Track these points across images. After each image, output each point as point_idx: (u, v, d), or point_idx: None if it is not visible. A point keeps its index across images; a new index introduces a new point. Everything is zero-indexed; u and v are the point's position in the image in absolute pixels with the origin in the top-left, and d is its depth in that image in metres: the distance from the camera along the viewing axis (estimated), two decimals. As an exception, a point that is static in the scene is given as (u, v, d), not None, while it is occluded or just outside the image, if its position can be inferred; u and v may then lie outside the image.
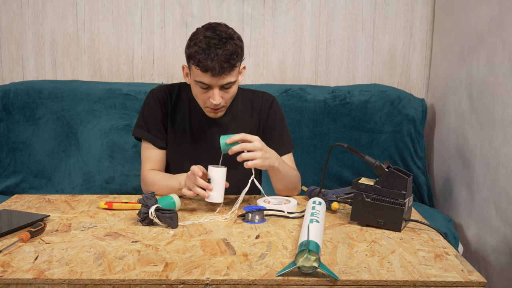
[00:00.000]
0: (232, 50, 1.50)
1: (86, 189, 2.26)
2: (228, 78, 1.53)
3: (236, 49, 1.52)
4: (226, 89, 1.56)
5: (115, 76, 2.51)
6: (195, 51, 1.50)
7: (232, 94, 1.60)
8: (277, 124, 1.73)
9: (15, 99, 2.28)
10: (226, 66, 1.49)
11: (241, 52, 1.55)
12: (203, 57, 1.48)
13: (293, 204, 1.50)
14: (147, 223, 1.33)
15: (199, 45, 1.50)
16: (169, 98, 1.70)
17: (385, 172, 1.33)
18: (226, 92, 1.57)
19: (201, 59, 1.48)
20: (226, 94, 1.57)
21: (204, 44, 1.49)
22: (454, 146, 2.16)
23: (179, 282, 1.01)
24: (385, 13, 2.49)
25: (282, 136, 1.73)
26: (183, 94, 1.72)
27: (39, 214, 1.39)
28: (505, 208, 1.73)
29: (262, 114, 1.73)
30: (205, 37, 1.50)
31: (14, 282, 1.01)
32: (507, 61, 1.74)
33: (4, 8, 2.45)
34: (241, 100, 1.73)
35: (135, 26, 2.48)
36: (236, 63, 1.52)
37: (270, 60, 2.51)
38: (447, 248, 1.21)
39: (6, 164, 2.28)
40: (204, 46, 1.49)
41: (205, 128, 1.69)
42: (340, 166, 2.32)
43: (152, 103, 1.70)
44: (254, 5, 2.48)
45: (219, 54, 1.48)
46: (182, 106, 1.70)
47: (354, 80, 2.52)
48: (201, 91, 1.56)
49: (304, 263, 1.02)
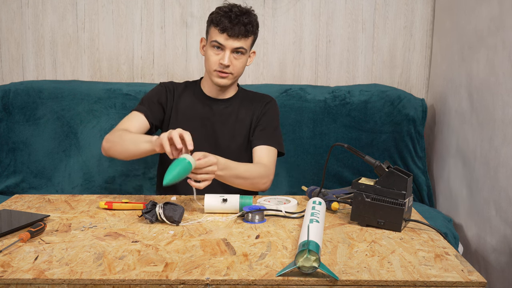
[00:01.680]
0: (249, 20, 1.68)
1: (86, 189, 2.26)
2: (241, 43, 1.68)
3: (253, 21, 1.70)
4: (236, 54, 1.69)
5: (115, 76, 2.51)
6: (217, 13, 1.68)
7: (240, 65, 1.72)
8: (265, 120, 1.81)
9: (15, 99, 2.28)
10: (242, 29, 1.66)
11: (257, 25, 1.73)
12: (224, 18, 1.66)
13: (293, 204, 1.50)
14: (151, 216, 1.33)
15: (222, 9, 1.69)
16: (176, 90, 1.83)
17: (385, 172, 1.33)
18: (236, 58, 1.70)
19: (221, 19, 1.66)
20: (235, 61, 1.70)
21: (226, 9, 1.68)
22: (454, 146, 2.16)
23: (179, 282, 1.01)
24: (385, 13, 2.49)
25: (264, 130, 1.79)
26: (188, 88, 1.84)
27: (39, 214, 1.39)
28: (505, 208, 1.73)
29: (257, 110, 1.82)
30: (228, 6, 1.70)
31: (14, 282, 1.02)
32: (507, 61, 1.74)
33: (4, 8, 2.45)
34: (243, 97, 1.84)
35: (135, 26, 2.48)
36: (251, 32, 1.69)
37: (270, 60, 2.51)
38: (447, 248, 1.21)
39: (6, 164, 2.28)
40: (227, 10, 1.68)
41: (206, 117, 1.79)
42: (340, 166, 2.32)
43: (157, 88, 1.84)
44: (254, 5, 2.47)
45: (239, 19, 1.66)
46: (188, 95, 1.83)
47: (354, 80, 2.52)
48: (214, 53, 1.69)
49: (304, 263, 1.02)
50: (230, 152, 1.72)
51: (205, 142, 1.75)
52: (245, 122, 1.80)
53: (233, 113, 1.80)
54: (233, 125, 1.79)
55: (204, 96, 1.81)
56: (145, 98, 1.81)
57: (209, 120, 1.79)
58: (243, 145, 1.80)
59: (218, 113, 1.79)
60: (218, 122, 1.79)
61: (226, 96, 1.81)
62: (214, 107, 1.80)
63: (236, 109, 1.81)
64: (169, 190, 1.81)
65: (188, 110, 1.80)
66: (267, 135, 1.78)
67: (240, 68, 1.72)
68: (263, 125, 1.80)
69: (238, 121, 1.80)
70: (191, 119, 1.78)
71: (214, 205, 1.43)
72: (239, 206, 1.42)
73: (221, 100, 1.81)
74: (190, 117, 1.79)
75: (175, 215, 1.32)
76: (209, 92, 1.81)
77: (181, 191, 1.76)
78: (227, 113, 1.80)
